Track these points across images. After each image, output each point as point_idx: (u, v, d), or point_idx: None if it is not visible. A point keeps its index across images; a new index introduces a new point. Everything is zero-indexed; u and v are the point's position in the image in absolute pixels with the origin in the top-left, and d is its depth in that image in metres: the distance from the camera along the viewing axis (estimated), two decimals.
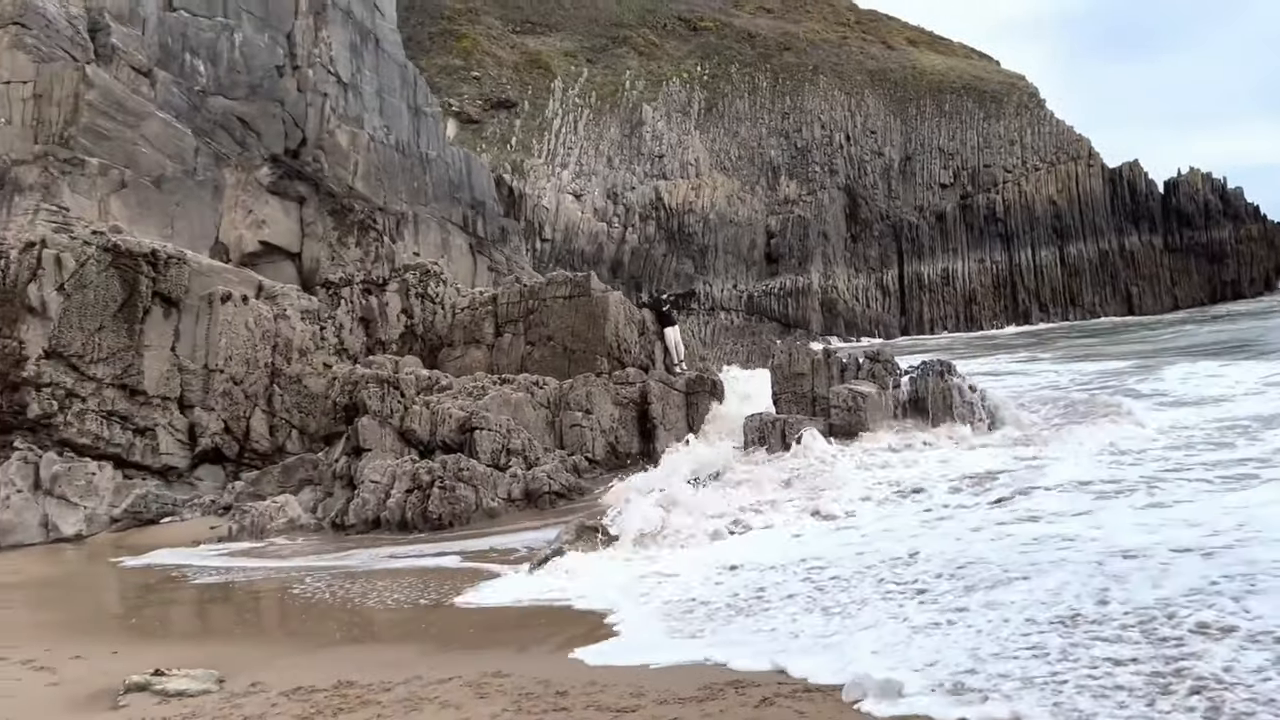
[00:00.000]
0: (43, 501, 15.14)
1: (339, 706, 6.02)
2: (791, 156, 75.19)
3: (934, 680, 5.13)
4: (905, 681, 5.11)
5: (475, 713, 5.67)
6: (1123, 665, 4.97)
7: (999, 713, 4.66)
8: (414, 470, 14.05)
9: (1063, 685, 4.81)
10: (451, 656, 7.05)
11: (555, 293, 20.84)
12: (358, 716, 5.80)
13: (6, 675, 7.49)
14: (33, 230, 15.79)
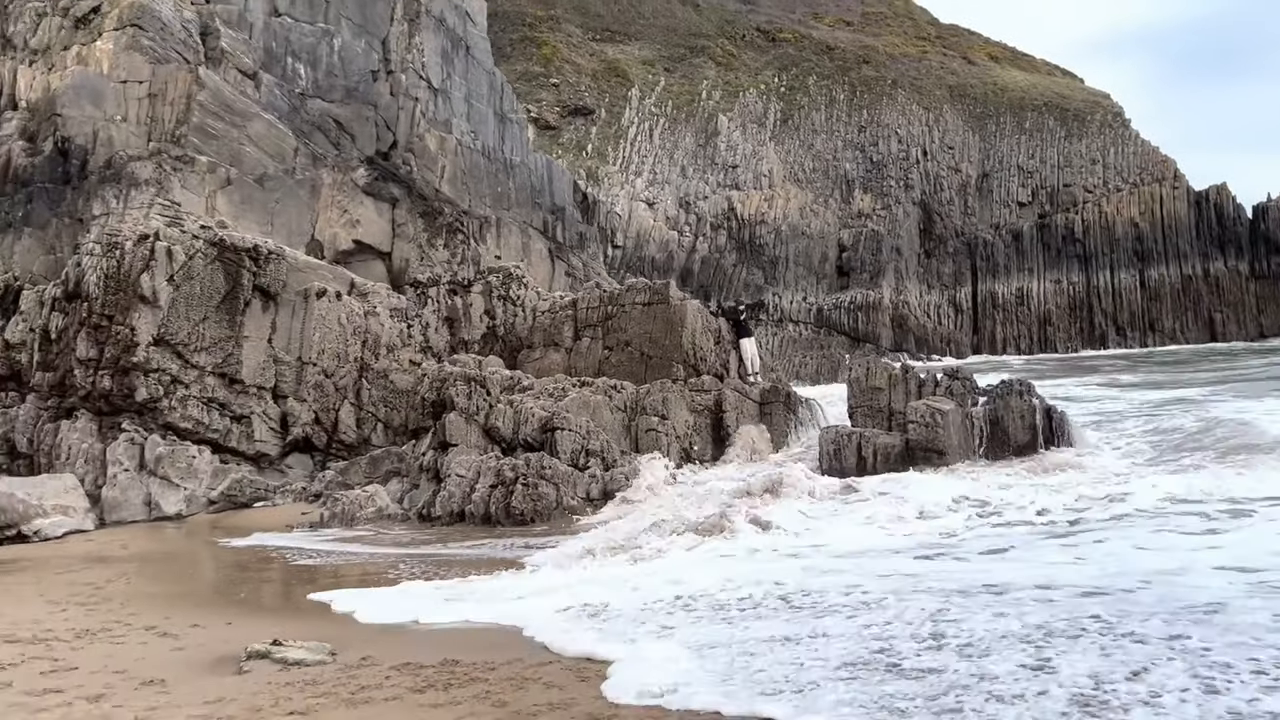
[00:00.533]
0: (146, 481, 15.95)
1: (448, 681, 6.39)
2: (866, 170, 74.69)
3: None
4: None
5: (579, 693, 6.00)
6: None
7: None
8: (498, 466, 14.50)
9: None
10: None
11: (634, 299, 21.21)
12: (468, 691, 6.16)
13: (134, 639, 8.04)
14: (147, 223, 16.64)
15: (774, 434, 19.34)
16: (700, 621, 7.33)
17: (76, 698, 6.27)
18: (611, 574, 9.35)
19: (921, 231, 74.02)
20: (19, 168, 18.18)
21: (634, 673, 6.10)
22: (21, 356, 16.60)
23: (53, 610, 9.07)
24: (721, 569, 9.05)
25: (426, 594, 9.04)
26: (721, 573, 8.80)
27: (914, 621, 6.70)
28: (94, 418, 16.15)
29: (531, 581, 9.35)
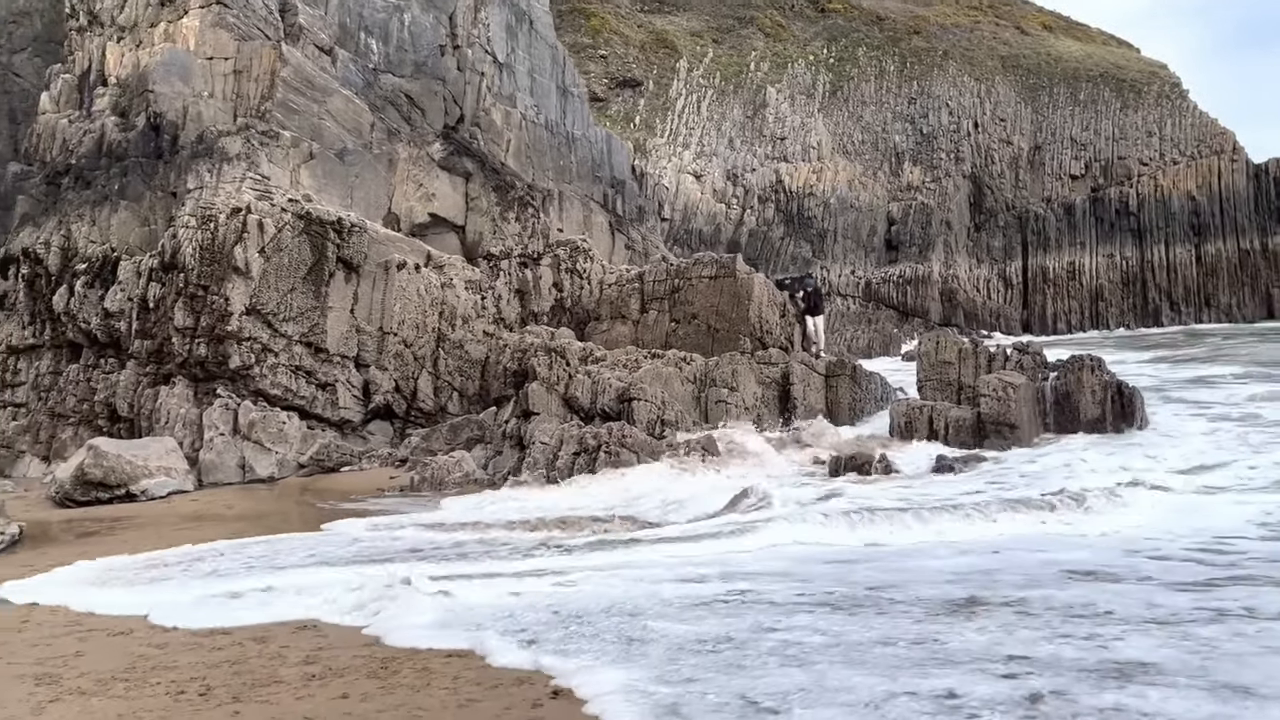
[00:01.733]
0: (240, 445, 16.64)
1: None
2: (916, 142, 73.94)
3: None
4: None
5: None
6: None
7: None
8: (580, 434, 14.99)
9: None
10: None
11: (701, 273, 21.55)
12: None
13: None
14: (239, 197, 17.23)
15: (840, 407, 19.66)
16: None
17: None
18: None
19: (971, 205, 73.26)
20: (113, 143, 18.85)
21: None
22: (120, 325, 17.31)
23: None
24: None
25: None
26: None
27: None
28: (190, 384, 16.85)
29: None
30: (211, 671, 6.18)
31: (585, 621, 6.51)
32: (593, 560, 8.44)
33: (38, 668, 6.38)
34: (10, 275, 18.39)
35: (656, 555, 8.55)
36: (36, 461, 17.32)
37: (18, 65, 24.76)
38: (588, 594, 7.19)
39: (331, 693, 5.68)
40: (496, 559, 8.79)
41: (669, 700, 4.98)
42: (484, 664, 5.98)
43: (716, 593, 7.18)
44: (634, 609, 6.75)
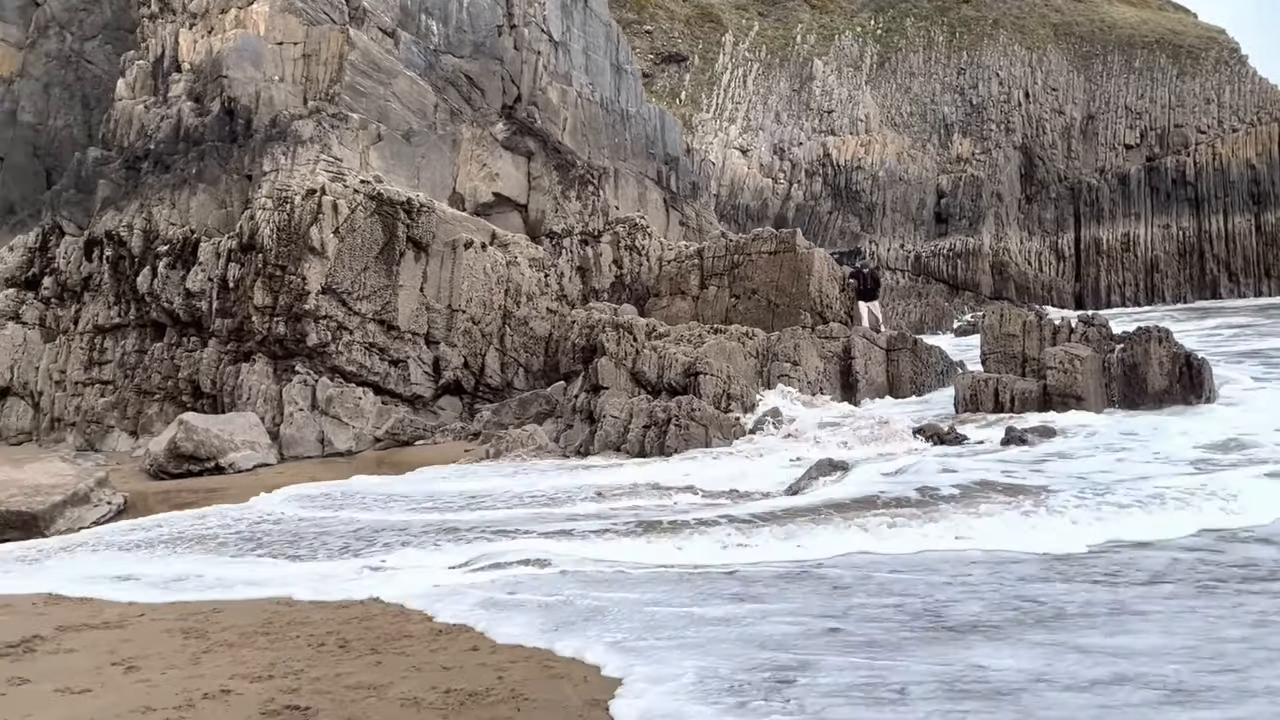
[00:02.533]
0: (319, 420, 17.21)
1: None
2: (966, 114, 73.01)
3: None
4: None
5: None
6: None
7: None
8: (650, 408, 15.31)
9: None
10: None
11: (760, 248, 21.72)
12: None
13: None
14: (313, 179, 17.71)
15: (901, 380, 19.80)
16: None
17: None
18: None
19: (1022, 176, 72.26)
20: (189, 128, 19.40)
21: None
22: (201, 304, 17.91)
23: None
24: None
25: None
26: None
27: None
28: (269, 361, 17.41)
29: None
30: (343, 627, 6.61)
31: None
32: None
33: (181, 623, 6.86)
34: (95, 257, 19.06)
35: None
36: (125, 436, 18.02)
37: (89, 52, 25.44)
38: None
39: (462, 645, 6.07)
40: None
41: None
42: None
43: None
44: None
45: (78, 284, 19.22)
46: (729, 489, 11.00)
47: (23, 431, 18.78)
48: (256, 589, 7.69)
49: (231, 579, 8.05)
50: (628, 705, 4.76)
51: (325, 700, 5.17)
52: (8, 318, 19.20)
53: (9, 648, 6.35)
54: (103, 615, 7.10)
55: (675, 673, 5.15)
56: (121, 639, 6.48)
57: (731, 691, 4.89)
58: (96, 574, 8.46)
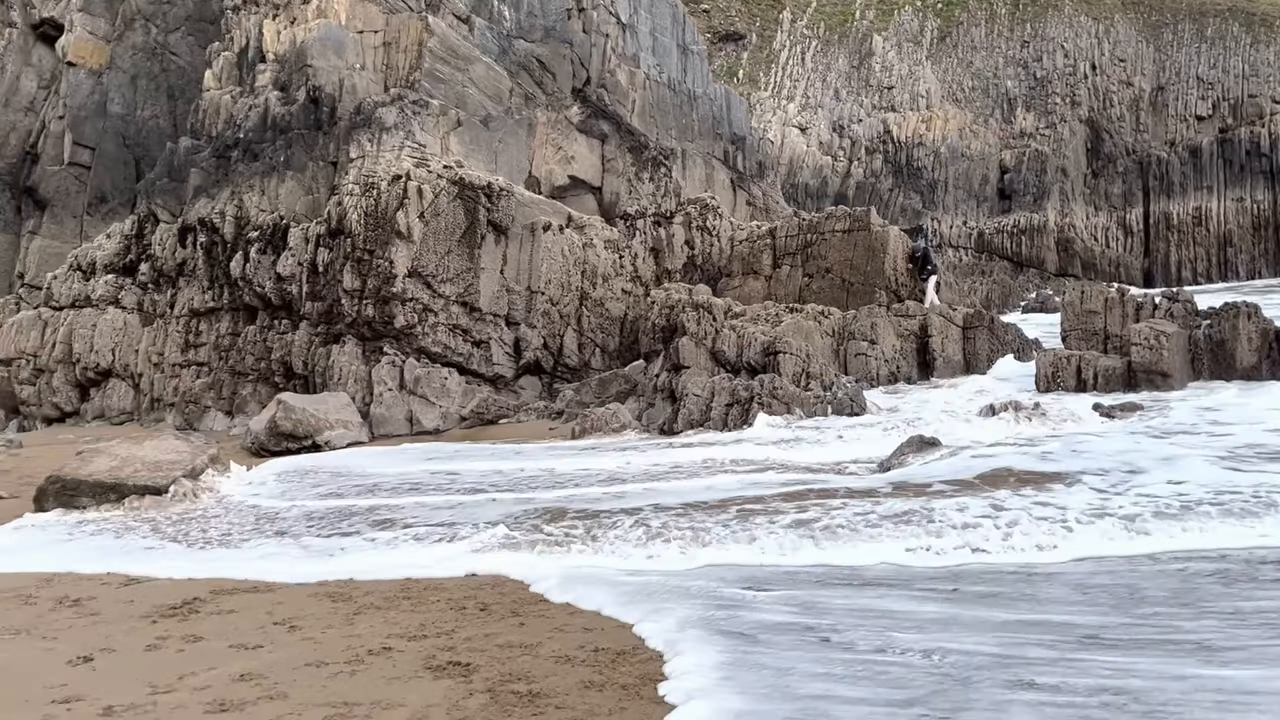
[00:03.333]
0: (407, 400, 17.73)
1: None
2: (1030, 88, 71.67)
3: None
4: None
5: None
6: None
7: None
8: (732, 387, 15.54)
9: None
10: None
11: (834, 226, 21.78)
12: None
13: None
14: (399, 165, 18.16)
15: (978, 358, 19.77)
16: None
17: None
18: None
19: (1089, 150, 70.79)
20: (276, 116, 19.97)
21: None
22: (292, 288, 18.50)
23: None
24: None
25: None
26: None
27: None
28: (359, 342, 17.96)
29: None
30: (477, 593, 6.98)
31: None
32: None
33: (325, 588, 7.28)
34: (189, 244, 19.76)
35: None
36: (221, 415, 18.74)
37: (173, 44, 26.21)
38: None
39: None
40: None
41: None
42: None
43: None
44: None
45: (173, 269, 19.95)
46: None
47: (124, 411, 19.60)
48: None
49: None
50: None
51: (482, 657, 5.51)
52: (108, 303, 20.00)
53: (173, 609, 6.81)
54: (250, 580, 7.56)
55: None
56: (274, 602, 6.92)
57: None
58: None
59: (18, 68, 25.76)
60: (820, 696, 4.54)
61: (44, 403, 19.90)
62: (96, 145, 24.70)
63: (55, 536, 9.63)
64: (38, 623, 6.65)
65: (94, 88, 24.90)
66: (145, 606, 6.89)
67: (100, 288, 20.24)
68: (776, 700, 4.49)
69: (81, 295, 20.34)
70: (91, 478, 11.50)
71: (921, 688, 4.57)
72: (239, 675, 5.35)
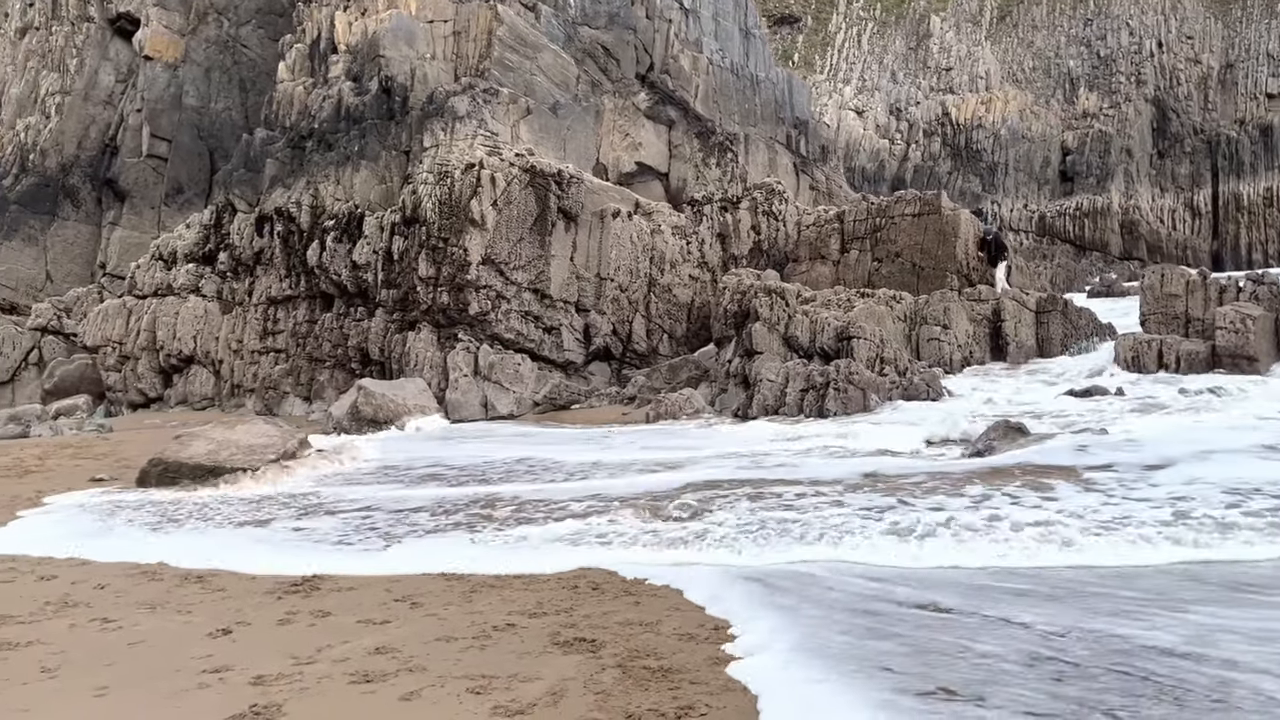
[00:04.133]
0: (482, 385, 17.98)
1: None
2: (1093, 67, 70.11)
3: None
4: None
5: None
6: None
7: None
8: (807, 372, 15.54)
9: None
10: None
11: (903, 210, 21.60)
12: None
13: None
14: (472, 154, 18.37)
15: (1051, 344, 19.53)
16: None
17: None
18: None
19: (1154, 130, 69.13)
20: (350, 107, 20.30)
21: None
22: (367, 276, 18.83)
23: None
24: None
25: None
26: None
27: None
28: (433, 329, 18.24)
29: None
30: (588, 573, 7.11)
31: None
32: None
33: (435, 567, 7.47)
34: (266, 233, 20.19)
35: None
36: (299, 401, 19.16)
37: (244, 37, 26.71)
38: None
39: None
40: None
41: None
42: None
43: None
44: None
45: (250, 258, 20.40)
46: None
47: (205, 397, 20.12)
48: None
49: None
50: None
51: (606, 634, 5.63)
52: (189, 291, 20.52)
53: (294, 586, 7.04)
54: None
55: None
56: (391, 580, 7.12)
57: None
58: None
59: (96, 62, 26.45)
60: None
61: (129, 389, 20.51)
62: (172, 137, 25.30)
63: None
64: (168, 597, 6.92)
65: (169, 81, 25.48)
66: (268, 584, 7.13)
67: (181, 276, 20.78)
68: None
69: (163, 284, 20.90)
70: (191, 460, 11.88)
71: None
72: (374, 649, 5.53)
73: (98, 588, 7.31)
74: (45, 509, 10.58)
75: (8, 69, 27.59)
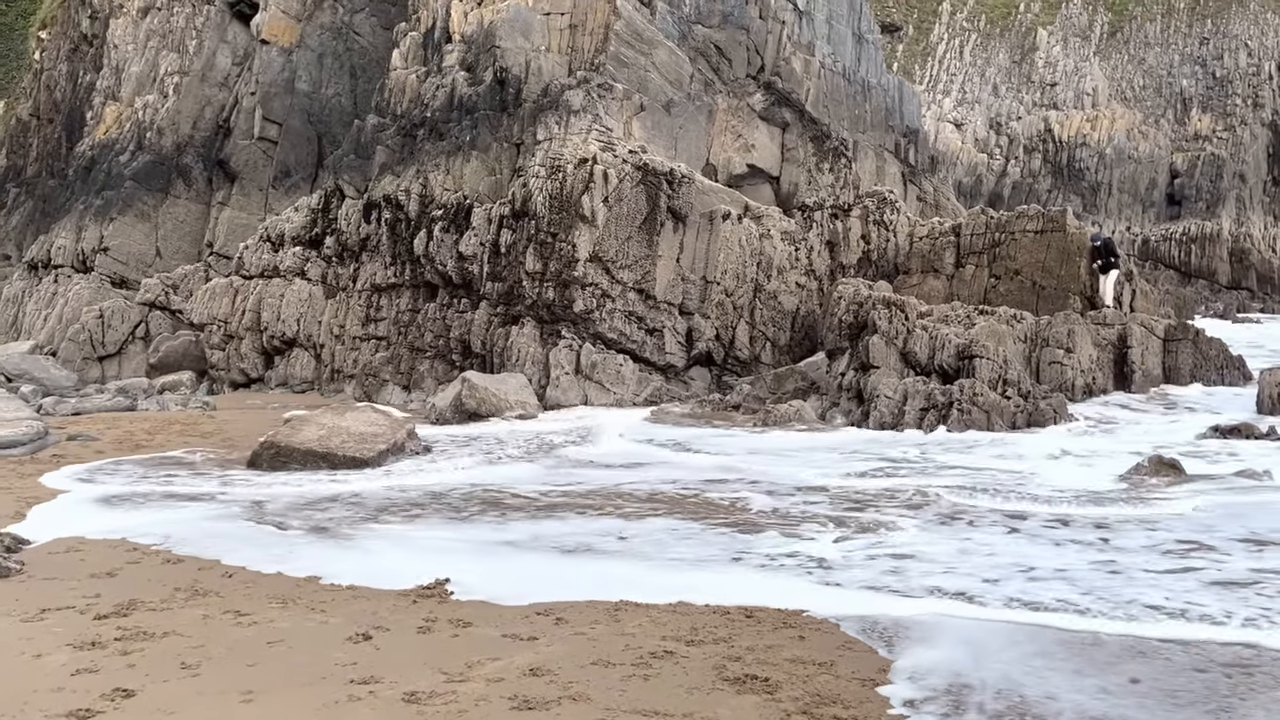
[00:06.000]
0: (583, 384, 17.64)
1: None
2: (1207, 87, 67.45)
3: None
4: None
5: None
6: None
7: None
8: (928, 390, 14.86)
9: None
10: None
11: (1025, 226, 20.68)
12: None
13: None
14: (585, 149, 18.05)
15: (1179, 374, 18.50)
16: None
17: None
18: None
19: (1270, 156, 66.26)
20: (463, 97, 20.16)
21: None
22: (473, 268, 18.63)
23: None
24: None
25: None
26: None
27: None
28: (536, 325, 17.96)
29: None
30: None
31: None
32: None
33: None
34: (373, 220, 20.16)
35: None
36: (398, 390, 19.05)
37: (357, 24, 26.87)
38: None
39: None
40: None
41: None
42: None
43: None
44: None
45: (356, 244, 20.39)
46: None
47: (305, 381, 20.16)
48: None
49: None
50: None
51: (778, 673, 5.15)
52: (295, 274, 20.60)
53: (427, 590, 6.70)
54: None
55: None
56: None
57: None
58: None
59: (214, 44, 26.86)
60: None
61: (232, 368, 20.67)
62: (284, 121, 25.54)
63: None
64: (298, 593, 6.64)
65: (284, 65, 25.74)
66: (401, 586, 6.80)
67: (288, 259, 20.87)
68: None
69: (270, 266, 21.02)
70: (303, 445, 11.74)
71: None
72: (528, 669, 5.14)
73: (225, 576, 7.08)
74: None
75: (129, 48, 28.22)
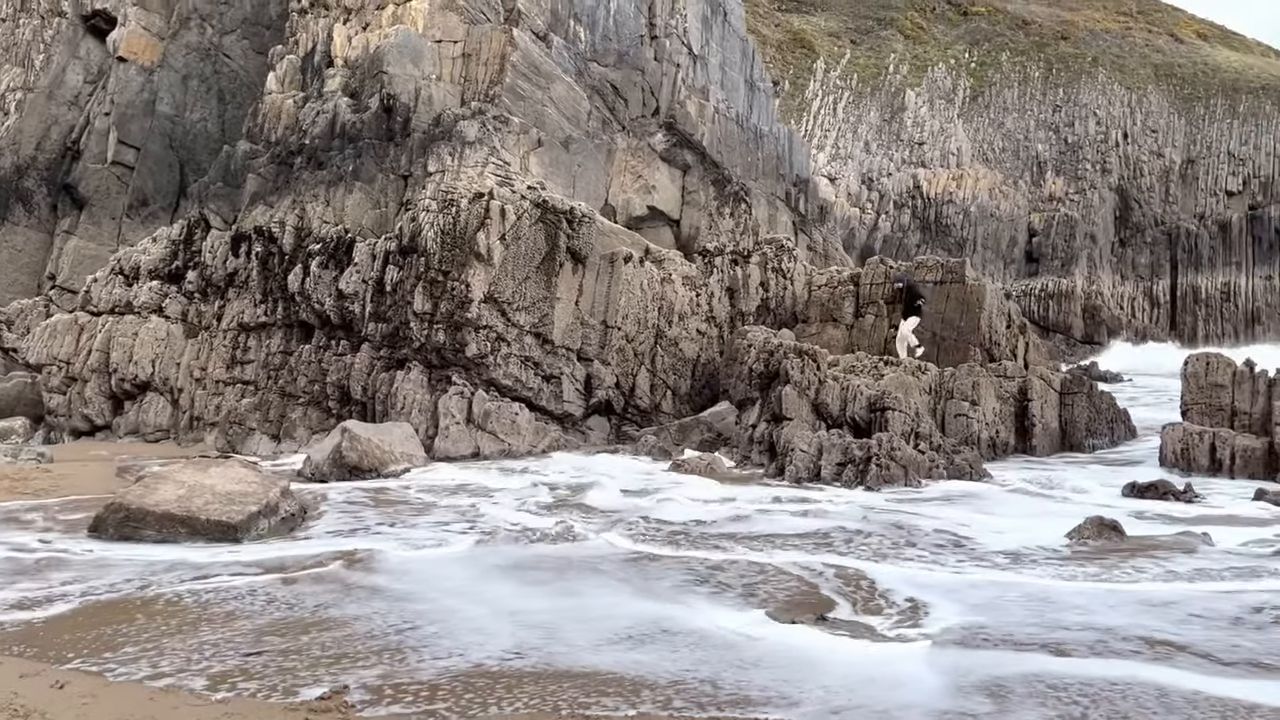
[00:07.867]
0: (475, 434, 16.34)
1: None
2: (1060, 152, 71.39)
3: None
4: None
5: None
6: None
7: None
8: (845, 445, 14.21)
9: None
10: None
11: (924, 277, 20.59)
12: None
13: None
14: (482, 183, 16.93)
15: (1075, 427, 18.54)
16: None
17: None
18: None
19: (1117, 219, 70.34)
20: (346, 124, 18.78)
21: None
22: (354, 307, 17.16)
23: None
24: None
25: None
26: None
27: None
28: (425, 370, 16.60)
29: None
30: None
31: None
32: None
33: None
34: (242, 253, 18.45)
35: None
36: (266, 439, 17.31)
37: (227, 46, 25.10)
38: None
39: None
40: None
41: None
42: None
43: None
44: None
45: (223, 279, 18.62)
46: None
47: (160, 428, 18.17)
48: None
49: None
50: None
51: None
52: (151, 311, 18.64)
53: (319, 702, 5.41)
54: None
55: None
56: None
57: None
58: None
59: (65, 60, 24.61)
60: None
61: (74, 414, 18.45)
62: (142, 145, 23.46)
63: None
64: (153, 711, 5.22)
65: (144, 85, 23.72)
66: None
67: (143, 294, 18.88)
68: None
69: (123, 301, 18.96)
70: (159, 508, 10.08)
71: None
72: None
73: (56, 687, 5.57)
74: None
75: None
